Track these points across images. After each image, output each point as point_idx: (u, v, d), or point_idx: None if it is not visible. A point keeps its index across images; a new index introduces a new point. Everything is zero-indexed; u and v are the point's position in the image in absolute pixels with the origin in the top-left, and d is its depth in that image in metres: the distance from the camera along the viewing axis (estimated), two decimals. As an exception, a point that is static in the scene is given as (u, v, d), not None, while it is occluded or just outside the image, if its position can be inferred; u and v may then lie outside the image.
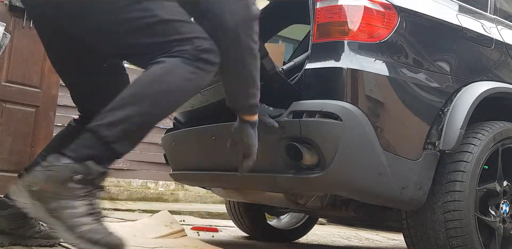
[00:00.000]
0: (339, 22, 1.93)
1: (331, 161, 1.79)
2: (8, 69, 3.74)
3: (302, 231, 3.50)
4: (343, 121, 1.79)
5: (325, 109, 1.81)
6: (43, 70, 3.91)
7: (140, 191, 6.22)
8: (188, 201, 6.37)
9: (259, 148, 1.80)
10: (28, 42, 3.82)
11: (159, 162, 6.80)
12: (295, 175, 1.90)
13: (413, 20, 2.03)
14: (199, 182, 2.79)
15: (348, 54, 1.89)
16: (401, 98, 1.92)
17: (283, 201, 2.34)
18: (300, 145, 1.82)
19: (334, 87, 1.87)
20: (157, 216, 2.89)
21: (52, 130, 4.01)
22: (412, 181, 1.88)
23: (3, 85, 3.73)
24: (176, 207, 5.11)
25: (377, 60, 1.91)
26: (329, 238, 3.87)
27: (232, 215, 3.28)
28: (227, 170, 2.24)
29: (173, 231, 2.61)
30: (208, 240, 2.79)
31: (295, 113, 1.88)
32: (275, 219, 3.59)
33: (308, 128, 1.83)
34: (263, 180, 2.09)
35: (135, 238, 2.47)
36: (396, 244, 4.02)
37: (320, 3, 1.98)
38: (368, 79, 1.86)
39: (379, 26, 1.94)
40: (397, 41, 1.96)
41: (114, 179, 6.62)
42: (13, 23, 3.73)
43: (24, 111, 3.82)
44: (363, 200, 2.05)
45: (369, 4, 1.94)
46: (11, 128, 3.73)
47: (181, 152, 2.64)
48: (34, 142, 3.84)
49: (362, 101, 1.83)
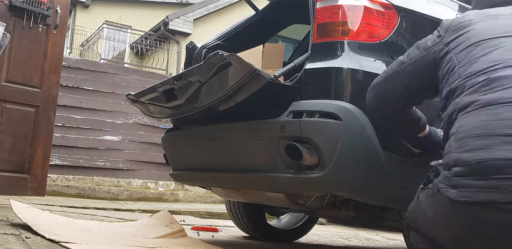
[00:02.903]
0: (339, 22, 1.93)
1: (331, 161, 1.79)
2: (8, 69, 3.74)
3: (302, 231, 3.50)
4: (343, 121, 1.79)
5: (325, 109, 1.81)
6: (43, 70, 3.91)
7: (140, 191, 6.23)
8: (188, 201, 6.37)
9: (259, 147, 1.80)
10: (28, 42, 3.82)
11: (159, 162, 6.81)
12: (295, 175, 1.90)
13: (413, 20, 2.03)
14: (199, 182, 2.79)
15: (348, 54, 1.89)
16: (401, 98, 1.91)
17: (283, 201, 2.34)
18: (300, 144, 1.82)
19: (334, 87, 1.87)
20: (157, 216, 2.89)
21: (52, 130, 4.01)
22: (412, 181, 1.88)
23: (3, 85, 3.73)
24: (176, 207, 5.10)
25: (377, 60, 1.91)
26: (329, 238, 3.87)
27: (232, 215, 3.28)
28: (227, 170, 2.24)
29: (173, 231, 2.61)
30: (208, 240, 2.79)
31: (295, 113, 1.88)
32: (275, 219, 3.59)
33: (308, 128, 1.83)
34: (263, 180, 2.09)
35: (135, 238, 2.47)
36: (396, 244, 4.02)
37: (320, 3, 1.98)
38: (368, 79, 1.86)
39: (379, 26, 1.94)
40: (397, 41, 1.96)
41: (114, 179, 6.63)
42: (13, 23, 3.73)
43: (24, 111, 3.81)
44: (363, 200, 2.04)
45: (369, 4, 1.94)
46: (11, 128, 3.72)
47: (181, 152, 2.64)
48: (34, 142, 3.83)
49: (362, 101, 1.82)
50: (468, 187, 1.20)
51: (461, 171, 1.23)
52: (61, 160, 6.45)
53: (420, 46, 1.60)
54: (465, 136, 1.27)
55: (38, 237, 2.14)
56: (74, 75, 6.85)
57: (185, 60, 3.02)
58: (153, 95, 2.27)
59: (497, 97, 1.26)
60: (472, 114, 1.29)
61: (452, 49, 1.47)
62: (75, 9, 12.63)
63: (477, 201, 1.18)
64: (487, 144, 1.21)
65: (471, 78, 1.35)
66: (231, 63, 1.85)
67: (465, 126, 1.28)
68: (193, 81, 2.02)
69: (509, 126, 1.20)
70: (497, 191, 1.16)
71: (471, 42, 1.43)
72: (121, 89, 6.97)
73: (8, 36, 3.26)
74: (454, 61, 1.43)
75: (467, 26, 1.48)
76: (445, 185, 1.27)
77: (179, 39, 10.94)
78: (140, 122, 7.17)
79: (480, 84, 1.32)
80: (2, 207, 3.10)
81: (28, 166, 3.78)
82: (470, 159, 1.22)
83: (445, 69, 1.46)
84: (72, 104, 6.71)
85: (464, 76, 1.37)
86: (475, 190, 1.19)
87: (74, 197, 5.61)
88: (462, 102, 1.33)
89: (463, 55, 1.42)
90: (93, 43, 11.13)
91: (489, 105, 1.26)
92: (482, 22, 1.48)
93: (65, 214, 3.38)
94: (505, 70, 1.31)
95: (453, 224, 1.27)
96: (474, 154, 1.22)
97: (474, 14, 1.55)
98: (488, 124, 1.24)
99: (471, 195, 1.20)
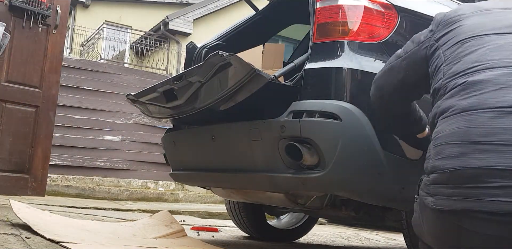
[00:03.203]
0: (339, 22, 1.93)
1: (331, 161, 1.79)
2: (8, 69, 3.74)
3: (302, 231, 3.50)
4: (342, 121, 1.78)
5: (324, 109, 1.81)
6: (43, 70, 3.91)
7: (140, 191, 6.22)
8: (188, 201, 6.37)
9: (259, 147, 1.80)
10: (28, 42, 3.82)
11: (159, 162, 6.81)
12: (295, 174, 1.90)
13: (413, 20, 2.03)
14: (199, 182, 2.79)
15: (348, 54, 1.89)
16: (401, 98, 1.91)
17: (283, 201, 2.34)
18: (300, 144, 1.82)
19: (334, 87, 1.87)
20: (157, 216, 2.89)
21: (52, 130, 4.01)
22: (412, 181, 1.88)
23: (3, 85, 3.73)
24: (176, 207, 5.10)
25: (377, 60, 1.91)
26: (329, 238, 3.87)
27: (232, 215, 3.28)
28: (227, 170, 2.24)
29: (173, 231, 2.61)
30: (208, 240, 2.79)
31: (295, 113, 1.87)
32: (275, 219, 3.59)
33: (308, 128, 1.83)
34: (263, 180, 2.09)
35: (135, 238, 2.47)
36: (396, 244, 4.02)
37: (320, 3, 1.98)
38: (368, 79, 1.86)
39: (379, 26, 1.94)
40: (397, 41, 1.96)
41: (114, 179, 6.63)
42: (13, 23, 3.72)
43: (24, 111, 3.81)
44: (363, 200, 2.04)
45: (369, 4, 1.94)
46: (11, 128, 3.72)
47: (181, 152, 2.64)
48: (34, 142, 3.83)
49: (362, 101, 1.82)
50: (443, 195, 1.19)
51: (437, 178, 1.22)
52: (61, 160, 6.45)
53: (414, 40, 1.58)
54: (441, 142, 1.25)
55: (38, 237, 2.14)
56: (74, 75, 6.85)
57: (185, 60, 3.02)
58: (153, 96, 2.27)
59: (473, 103, 1.23)
60: (449, 120, 1.26)
61: (441, 45, 1.43)
62: (75, 9, 12.63)
63: (452, 209, 1.17)
64: (461, 152, 1.18)
65: (453, 79, 1.32)
66: (231, 64, 1.85)
67: (442, 132, 1.26)
68: (193, 82, 2.02)
69: (482, 134, 1.17)
70: (471, 200, 1.14)
71: (459, 39, 1.39)
72: (121, 89, 6.97)
73: (8, 36, 3.26)
74: (441, 59, 1.40)
75: (458, 22, 1.44)
76: (424, 192, 1.27)
77: (179, 39, 10.94)
78: (140, 122, 7.17)
79: (459, 88, 1.28)
80: (2, 207, 3.10)
81: (28, 166, 3.78)
82: (444, 166, 1.20)
83: (433, 66, 1.44)
84: (72, 104, 6.71)
85: (447, 76, 1.34)
86: (449, 198, 1.18)
87: (74, 197, 5.61)
88: (442, 105, 1.31)
89: (449, 53, 1.39)
90: (93, 43, 11.13)
91: (465, 112, 1.23)
92: (473, 17, 1.43)
93: (65, 214, 3.38)
94: (484, 73, 1.26)
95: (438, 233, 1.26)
96: (448, 162, 1.20)
97: (466, 7, 1.50)
98: (463, 131, 1.21)
99: (446, 203, 1.19)
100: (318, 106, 1.83)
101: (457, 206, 1.16)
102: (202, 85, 2.02)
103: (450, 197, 1.18)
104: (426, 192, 1.26)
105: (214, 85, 1.98)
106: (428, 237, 1.33)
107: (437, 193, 1.21)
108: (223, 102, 2.00)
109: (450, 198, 1.18)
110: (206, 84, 2.00)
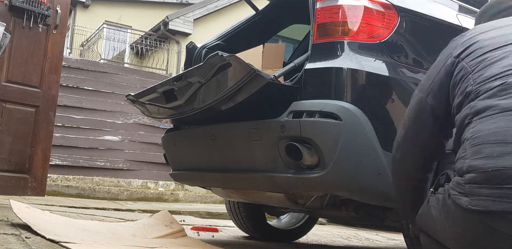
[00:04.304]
0: (339, 22, 1.93)
1: (331, 161, 1.79)
2: (8, 69, 3.74)
3: (302, 231, 3.50)
4: (342, 121, 1.78)
5: (325, 109, 1.81)
6: (43, 70, 3.91)
7: (140, 191, 6.23)
8: (188, 201, 6.38)
9: (259, 147, 1.80)
10: (28, 42, 3.82)
11: (159, 162, 6.82)
12: (295, 175, 1.90)
13: (413, 20, 2.03)
14: (199, 182, 2.79)
15: (348, 54, 1.89)
16: (401, 98, 1.92)
17: (283, 201, 2.34)
18: (300, 144, 1.82)
19: (334, 87, 1.87)
20: (157, 216, 2.89)
21: (52, 130, 4.01)
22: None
23: (3, 85, 3.72)
24: (176, 207, 5.10)
25: (377, 60, 1.91)
26: (329, 238, 3.87)
27: (232, 215, 3.28)
28: (227, 170, 2.24)
29: (173, 231, 2.61)
30: (208, 240, 2.79)
31: (295, 113, 1.88)
32: (275, 219, 3.59)
33: (308, 128, 1.83)
34: (263, 180, 2.09)
35: (135, 238, 2.47)
36: (396, 244, 4.02)
37: (320, 3, 1.98)
38: (368, 79, 1.86)
39: (379, 26, 1.94)
40: (397, 41, 1.96)
41: (114, 179, 6.63)
42: (13, 23, 3.72)
43: (24, 111, 3.81)
44: (363, 200, 2.04)
45: (369, 4, 1.94)
46: (11, 128, 3.72)
47: (181, 152, 2.64)
48: (34, 142, 3.83)
49: (362, 101, 1.83)
50: (481, 195, 1.17)
51: (475, 178, 1.19)
52: (61, 160, 6.45)
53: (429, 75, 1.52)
54: (480, 142, 1.22)
55: (38, 237, 2.14)
56: (74, 75, 6.85)
57: (185, 60, 3.02)
58: (153, 96, 2.27)
59: None
60: (488, 119, 1.24)
61: (463, 58, 1.41)
62: (75, 9, 12.63)
63: (489, 210, 1.15)
64: (504, 152, 1.16)
65: (487, 83, 1.30)
66: (231, 64, 1.85)
67: (481, 132, 1.24)
68: (193, 82, 2.02)
69: None
70: (511, 201, 1.12)
71: (483, 51, 1.38)
72: (121, 89, 6.98)
73: (8, 36, 3.26)
74: (467, 69, 1.38)
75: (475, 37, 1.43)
76: (457, 192, 1.24)
77: (179, 39, 10.94)
78: (140, 122, 7.17)
79: (497, 89, 1.26)
80: (2, 207, 3.10)
81: (28, 166, 3.78)
82: (485, 166, 1.17)
83: (458, 77, 1.40)
84: (72, 104, 6.72)
85: (479, 81, 1.32)
86: (488, 199, 1.15)
87: (74, 197, 5.61)
88: (477, 106, 1.28)
89: (475, 63, 1.37)
90: (93, 43, 11.13)
91: (507, 111, 1.22)
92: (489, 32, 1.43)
93: (65, 214, 3.38)
94: None
95: (462, 232, 1.24)
96: (489, 161, 1.17)
97: (480, 27, 1.51)
98: (505, 131, 1.19)
99: (483, 204, 1.16)
100: (318, 106, 1.83)
101: (495, 207, 1.14)
102: (202, 86, 2.02)
103: (489, 197, 1.16)
104: (459, 192, 1.23)
105: (214, 85, 1.98)
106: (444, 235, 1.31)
107: (473, 193, 1.19)
108: (223, 102, 2.00)
109: (488, 199, 1.16)
110: (206, 85, 2.00)
